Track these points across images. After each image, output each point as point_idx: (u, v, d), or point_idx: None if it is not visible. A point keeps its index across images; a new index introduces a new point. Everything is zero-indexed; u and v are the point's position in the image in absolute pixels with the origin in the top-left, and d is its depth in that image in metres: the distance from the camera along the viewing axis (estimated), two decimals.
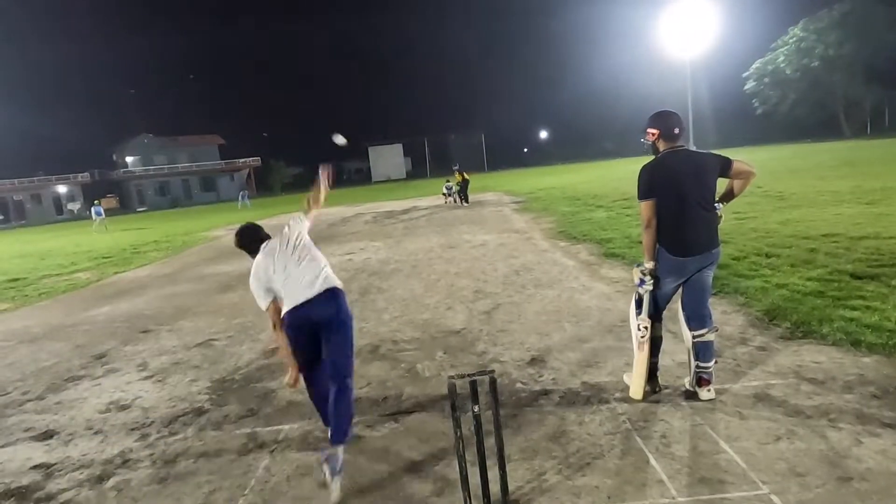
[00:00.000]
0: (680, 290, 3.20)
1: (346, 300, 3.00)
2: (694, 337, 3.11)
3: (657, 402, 3.16)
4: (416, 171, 74.93)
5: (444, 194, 20.99)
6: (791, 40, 46.29)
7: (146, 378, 4.55)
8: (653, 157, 3.13)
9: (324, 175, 3.39)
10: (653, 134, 3.12)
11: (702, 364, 3.11)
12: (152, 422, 3.67)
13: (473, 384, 2.19)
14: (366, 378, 4.02)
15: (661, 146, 3.10)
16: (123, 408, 3.97)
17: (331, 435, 2.78)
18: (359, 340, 4.89)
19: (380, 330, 5.18)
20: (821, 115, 47.26)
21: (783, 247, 6.59)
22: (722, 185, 3.12)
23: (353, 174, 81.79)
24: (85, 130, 71.75)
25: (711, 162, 3.04)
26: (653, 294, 3.16)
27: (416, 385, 3.82)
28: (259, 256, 3.13)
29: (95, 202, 30.62)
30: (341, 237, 13.38)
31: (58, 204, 61.63)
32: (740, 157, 3.26)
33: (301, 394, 3.79)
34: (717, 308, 4.74)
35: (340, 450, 2.66)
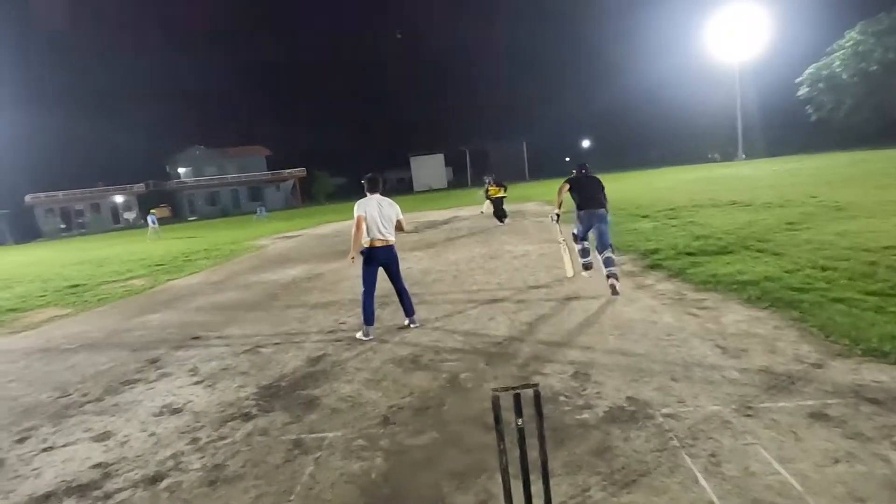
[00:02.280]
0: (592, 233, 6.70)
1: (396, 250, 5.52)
2: (601, 256, 6.35)
3: (706, 419, 3.07)
4: (458, 180, 75.20)
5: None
6: (848, 44, 44.46)
7: (197, 383, 4.71)
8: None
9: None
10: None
11: (609, 269, 6.20)
12: (202, 426, 3.79)
13: (517, 397, 2.18)
14: (408, 387, 4.05)
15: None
16: (175, 411, 4.11)
17: (406, 312, 5.67)
18: (400, 350, 4.96)
19: (421, 340, 5.22)
20: (880, 122, 45.05)
21: (840, 259, 6.32)
22: None
23: (394, 184, 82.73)
24: (141, 143, 74.92)
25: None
26: (581, 228, 6.94)
27: (457, 395, 3.82)
28: (370, 197, 5.37)
29: (150, 211, 31.95)
30: None
31: (115, 213, 64.47)
32: (791, 165, 3.17)
33: (345, 402, 3.88)
34: (769, 323, 4.59)
35: (415, 316, 5.68)
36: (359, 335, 5.48)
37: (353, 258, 5.42)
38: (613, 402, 3.44)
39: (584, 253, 7.05)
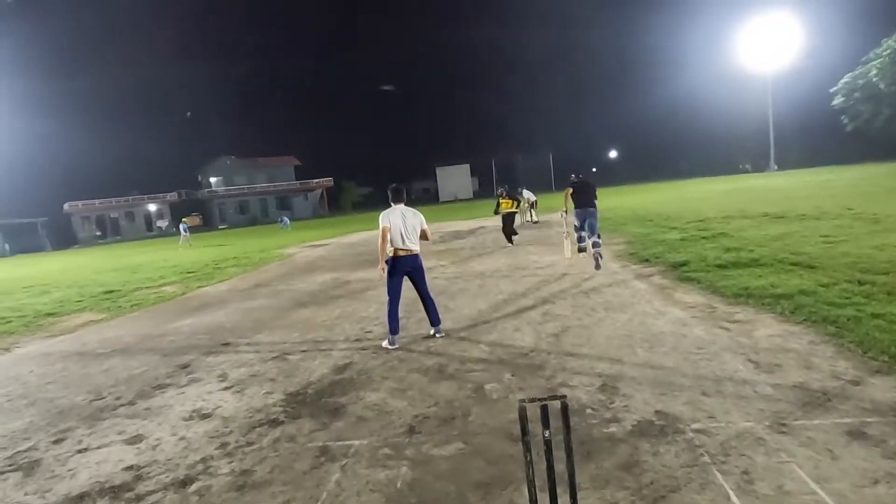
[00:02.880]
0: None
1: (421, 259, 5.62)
2: (591, 240, 9.03)
3: (738, 435, 3.00)
4: (483, 190, 75.25)
5: (529, 205, 19.24)
6: (885, 52, 43.36)
7: (226, 388, 4.78)
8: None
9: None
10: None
11: (596, 249, 8.72)
12: (231, 431, 3.84)
13: (545, 409, 2.16)
14: (433, 397, 4.05)
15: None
16: (205, 416, 4.18)
17: (432, 322, 5.72)
18: (426, 360, 4.97)
19: (447, 349, 5.22)
20: None
21: (879, 273, 6.13)
22: None
23: (420, 194, 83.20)
24: (174, 153, 76.83)
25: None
26: (578, 222, 9.56)
27: (483, 406, 3.81)
28: (394, 207, 5.47)
29: (182, 220, 32.71)
30: None
31: (148, 221, 66.21)
32: (825, 177, 3.10)
33: (371, 410, 3.90)
34: (804, 338, 4.47)
35: (440, 326, 5.74)
36: (384, 344, 5.51)
37: (382, 268, 5.47)
38: (642, 415, 3.38)
39: (580, 240, 9.69)
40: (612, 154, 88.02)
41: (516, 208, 13.93)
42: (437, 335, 5.68)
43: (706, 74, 62.21)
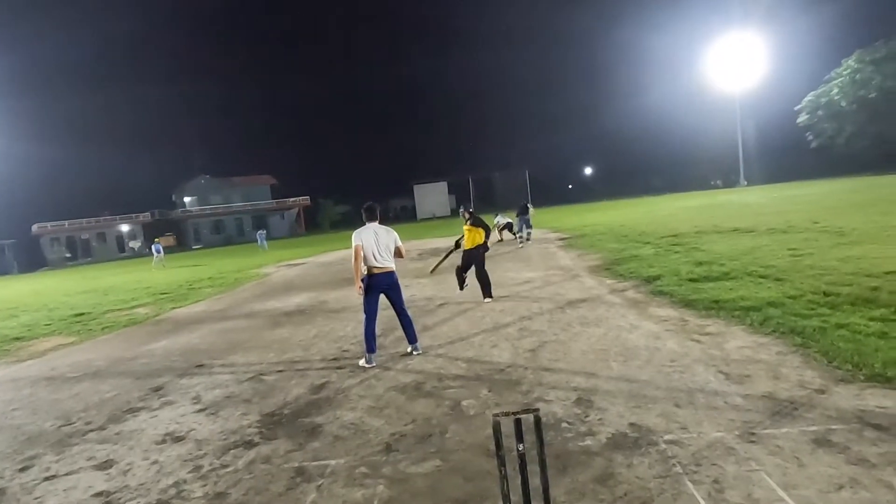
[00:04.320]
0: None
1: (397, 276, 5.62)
2: (524, 232, 17.38)
3: (709, 445, 3.06)
4: (460, 207, 75.47)
5: (499, 229, 18.53)
6: (846, 72, 45.06)
7: (200, 411, 4.70)
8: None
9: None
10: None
11: (527, 240, 17.31)
12: (205, 454, 3.78)
13: (518, 423, 2.19)
14: (411, 415, 4.05)
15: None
16: (178, 439, 4.11)
17: (409, 339, 5.72)
18: (403, 377, 4.96)
19: (424, 367, 5.22)
20: (881, 148, 45.36)
21: (843, 284, 6.33)
22: None
23: (398, 212, 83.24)
24: (147, 173, 75.95)
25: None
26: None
27: (460, 423, 3.82)
28: (368, 225, 5.49)
29: (155, 240, 32.18)
30: None
31: (120, 242, 64.98)
32: (792, 192, 3.22)
33: (348, 429, 3.88)
34: (772, 349, 4.58)
35: (417, 343, 5.72)
36: (362, 363, 5.49)
37: (360, 288, 5.47)
38: (616, 428, 3.43)
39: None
40: (588, 171, 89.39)
41: (485, 239, 8.59)
42: (414, 353, 5.68)
43: (678, 94, 64.19)
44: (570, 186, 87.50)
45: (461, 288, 8.81)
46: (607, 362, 4.74)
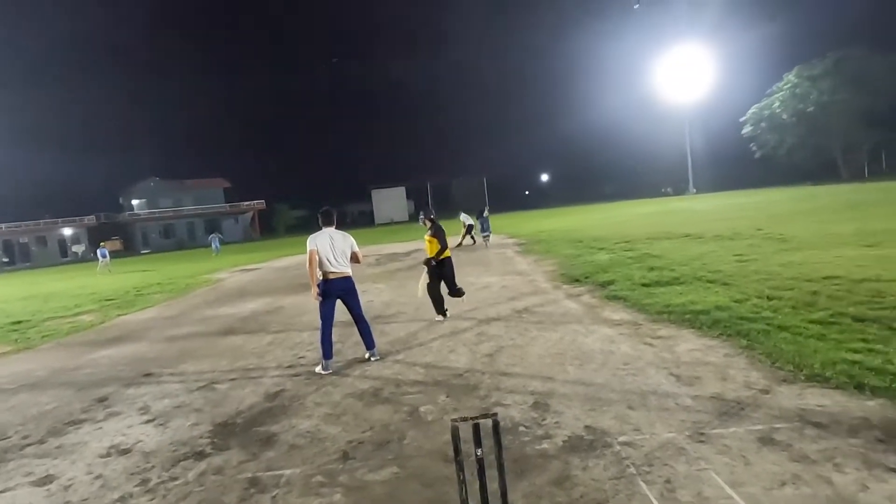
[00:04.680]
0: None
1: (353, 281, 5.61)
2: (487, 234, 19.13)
3: (661, 446, 3.14)
4: (419, 213, 75.53)
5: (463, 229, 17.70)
6: (786, 86, 47.29)
7: (147, 422, 4.53)
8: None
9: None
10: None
11: (488, 241, 18.88)
12: (153, 466, 3.64)
13: (476, 427, 2.19)
14: (368, 422, 4.01)
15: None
16: (124, 452, 3.94)
17: (367, 345, 5.65)
18: (361, 384, 4.91)
19: (382, 373, 5.18)
20: (819, 159, 47.88)
21: (785, 289, 6.62)
22: None
23: (356, 216, 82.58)
24: (92, 174, 72.94)
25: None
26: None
27: (418, 429, 3.80)
28: (324, 230, 5.46)
29: (100, 244, 30.90)
30: None
31: (63, 246, 62.08)
32: (738, 200, 3.36)
33: (303, 437, 3.80)
34: (720, 351, 4.75)
35: (375, 349, 5.64)
36: (318, 369, 5.40)
37: (317, 293, 5.39)
38: (572, 431, 3.48)
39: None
40: (544, 178, 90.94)
41: (437, 253, 7.56)
42: (371, 358, 5.63)
43: (631, 103, 66.11)
44: (527, 193, 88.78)
45: (441, 313, 7.44)
46: (563, 366, 4.81)
